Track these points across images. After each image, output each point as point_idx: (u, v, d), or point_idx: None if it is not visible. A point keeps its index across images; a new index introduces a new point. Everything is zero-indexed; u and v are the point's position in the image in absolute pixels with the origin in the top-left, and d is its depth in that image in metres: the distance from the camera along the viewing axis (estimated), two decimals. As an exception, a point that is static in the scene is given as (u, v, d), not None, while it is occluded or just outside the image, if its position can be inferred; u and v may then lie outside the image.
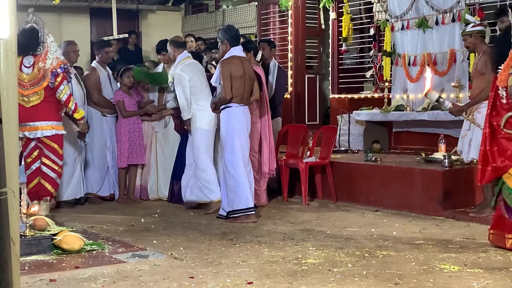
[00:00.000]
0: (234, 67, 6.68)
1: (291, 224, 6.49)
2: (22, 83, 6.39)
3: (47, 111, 6.47)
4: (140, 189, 8.22)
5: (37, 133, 6.46)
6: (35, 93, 6.44)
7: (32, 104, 6.43)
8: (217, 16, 12.67)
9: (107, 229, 6.34)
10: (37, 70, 6.44)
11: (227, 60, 6.74)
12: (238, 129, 6.66)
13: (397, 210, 7.14)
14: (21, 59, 6.43)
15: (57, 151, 6.55)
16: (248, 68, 6.86)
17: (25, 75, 6.43)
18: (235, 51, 6.80)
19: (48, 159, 6.52)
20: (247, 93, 6.80)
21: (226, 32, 6.86)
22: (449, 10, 8.36)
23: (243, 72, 6.72)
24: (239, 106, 6.71)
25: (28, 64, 6.46)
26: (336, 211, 7.30)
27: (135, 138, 7.96)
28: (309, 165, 7.76)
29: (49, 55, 6.46)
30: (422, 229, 6.21)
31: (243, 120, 6.72)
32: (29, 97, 6.43)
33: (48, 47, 6.48)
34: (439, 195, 6.85)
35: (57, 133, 6.52)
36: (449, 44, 8.41)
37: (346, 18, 10.13)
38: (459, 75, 8.23)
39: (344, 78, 10.52)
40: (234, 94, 6.66)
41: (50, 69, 6.42)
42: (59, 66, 6.44)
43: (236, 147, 6.64)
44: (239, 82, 6.67)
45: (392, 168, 7.40)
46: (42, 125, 6.45)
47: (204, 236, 5.93)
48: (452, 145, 7.70)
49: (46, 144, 6.50)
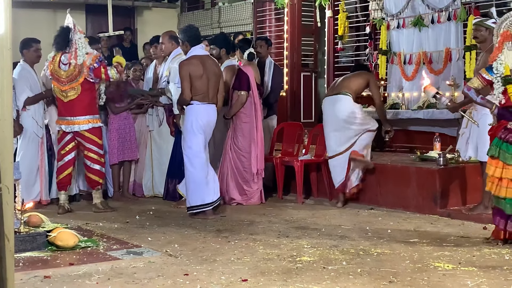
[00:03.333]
0: (193, 67, 6.79)
1: (286, 222, 6.49)
2: (60, 79, 6.92)
3: (84, 106, 6.93)
4: (134, 185, 8.21)
5: (74, 127, 6.93)
6: (72, 89, 6.89)
7: (70, 99, 6.92)
8: (213, 14, 12.65)
9: (102, 226, 6.33)
10: (72, 67, 6.86)
11: (185, 61, 6.87)
12: (196, 126, 6.76)
13: (392, 208, 7.15)
14: (59, 56, 6.91)
15: (97, 142, 7.03)
16: (211, 66, 6.93)
17: (62, 71, 6.90)
18: (195, 51, 6.90)
19: (90, 151, 7.00)
20: (212, 91, 6.88)
21: (185, 33, 6.98)
22: (445, 9, 8.37)
23: (203, 71, 6.80)
24: (200, 104, 6.80)
25: (65, 61, 6.89)
26: (331, 209, 7.30)
27: (126, 134, 7.95)
28: (304, 163, 7.76)
29: (78, 52, 6.86)
30: (416, 227, 6.22)
31: (203, 118, 6.79)
32: (66, 92, 6.91)
33: (76, 44, 6.86)
34: (434, 194, 6.87)
35: (94, 126, 6.96)
36: (445, 43, 8.41)
37: (342, 16, 10.12)
38: (454, 73, 8.23)
39: (339, 76, 10.45)
40: (195, 92, 6.77)
41: (87, 65, 6.83)
42: (95, 61, 6.85)
43: (193, 144, 6.75)
44: (200, 81, 6.78)
45: (387, 166, 7.41)
46: (79, 120, 6.93)
47: (199, 234, 5.93)
48: (447, 144, 7.71)
49: (85, 137, 6.96)
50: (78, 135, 6.98)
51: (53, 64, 6.93)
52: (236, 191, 7.55)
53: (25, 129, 7.32)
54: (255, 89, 7.59)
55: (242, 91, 7.44)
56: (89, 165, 7.04)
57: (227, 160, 7.58)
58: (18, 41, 7.39)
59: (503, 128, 5.31)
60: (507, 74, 5.22)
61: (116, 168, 7.97)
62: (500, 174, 5.26)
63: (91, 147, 6.99)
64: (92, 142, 7.00)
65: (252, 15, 11.81)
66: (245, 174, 7.53)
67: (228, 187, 7.55)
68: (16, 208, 5.05)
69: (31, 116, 7.34)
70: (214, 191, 6.82)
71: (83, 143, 7.00)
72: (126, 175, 8.07)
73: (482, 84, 5.44)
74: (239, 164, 7.53)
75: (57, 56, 6.93)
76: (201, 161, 6.75)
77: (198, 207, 6.74)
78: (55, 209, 7.05)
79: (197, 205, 6.74)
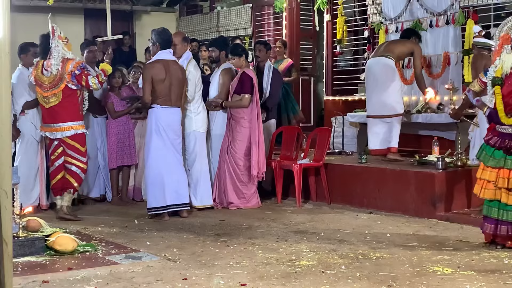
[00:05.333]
0: (156, 71, 6.91)
1: (285, 226, 6.49)
2: (43, 85, 6.84)
3: (66, 112, 6.83)
4: (133, 190, 8.21)
5: (57, 134, 6.83)
6: (53, 95, 6.81)
7: (51, 105, 6.83)
8: (212, 18, 12.67)
9: (101, 230, 6.33)
10: (54, 74, 6.78)
11: (149, 64, 7.03)
12: (156, 129, 6.90)
13: (390, 212, 7.15)
14: (42, 62, 6.87)
15: (78, 149, 6.88)
16: (176, 71, 7.02)
17: (45, 77, 6.84)
18: (162, 55, 7.01)
19: (70, 157, 6.86)
20: (174, 96, 7.00)
21: (159, 35, 7.07)
22: (443, 13, 8.38)
23: (166, 75, 6.91)
24: (161, 107, 6.92)
25: (47, 68, 6.83)
26: (330, 213, 7.30)
27: (125, 138, 7.94)
28: (303, 167, 7.76)
29: (52, 61, 6.78)
30: (415, 231, 6.22)
31: (163, 120, 6.92)
32: (48, 98, 6.83)
33: (52, 52, 6.78)
34: (432, 197, 6.87)
35: (76, 133, 6.83)
36: (443, 47, 8.42)
37: (341, 20, 10.14)
38: (453, 77, 8.24)
39: (338, 80, 10.53)
40: (156, 96, 6.90)
41: (68, 72, 6.73)
42: (77, 68, 6.75)
43: (152, 146, 6.92)
44: (162, 85, 6.90)
45: (386, 170, 7.41)
46: (61, 127, 6.81)
47: (198, 238, 5.92)
48: (446, 148, 7.72)
49: (67, 144, 6.83)
50: (61, 141, 6.84)
51: (37, 70, 6.89)
52: (234, 194, 7.55)
53: (23, 133, 7.31)
54: (257, 93, 7.60)
55: (245, 94, 7.44)
56: (70, 167, 6.85)
57: (224, 164, 7.58)
58: (17, 45, 7.40)
59: (491, 130, 5.40)
60: (497, 76, 5.29)
61: (114, 173, 7.96)
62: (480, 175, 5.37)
63: (72, 154, 6.83)
64: (74, 149, 6.84)
65: (250, 19, 11.83)
66: (242, 177, 7.54)
67: (226, 190, 7.56)
68: (15, 213, 5.04)
69: (30, 121, 7.34)
70: (176, 195, 6.94)
71: (65, 150, 6.84)
72: (125, 180, 8.06)
73: (481, 87, 5.53)
74: (236, 167, 7.53)
75: (40, 62, 6.91)
76: (158, 163, 6.90)
77: (154, 209, 6.90)
78: (54, 214, 7.04)
79: (152, 207, 6.91)
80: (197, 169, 7.45)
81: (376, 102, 7.83)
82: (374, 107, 7.87)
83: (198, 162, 7.47)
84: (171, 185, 6.94)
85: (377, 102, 7.81)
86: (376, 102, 7.83)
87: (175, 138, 7.03)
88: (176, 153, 7.03)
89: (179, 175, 7.04)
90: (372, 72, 7.92)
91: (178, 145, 7.08)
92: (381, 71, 7.80)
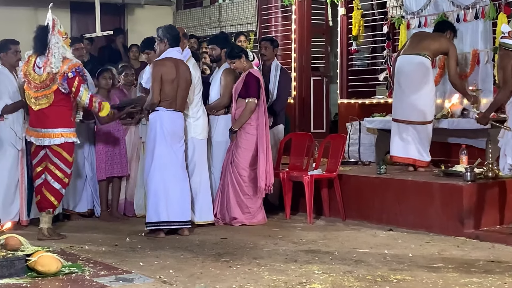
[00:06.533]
0: (166, 69, 6.94)
1: (294, 245, 6.49)
2: (33, 83, 6.74)
3: (57, 117, 6.75)
4: (124, 204, 8.21)
5: (45, 141, 6.74)
6: (44, 96, 6.74)
7: (40, 108, 6.75)
8: (213, 12, 12.69)
9: (88, 249, 6.33)
10: (46, 73, 6.69)
11: (159, 62, 7.03)
12: (160, 134, 6.92)
13: (413, 229, 7.14)
14: (35, 58, 6.77)
15: (65, 159, 6.79)
16: (185, 72, 7.06)
17: (37, 75, 6.75)
18: (171, 53, 7.06)
19: (55, 166, 6.77)
20: (180, 99, 7.03)
21: (167, 31, 7.13)
22: (472, 6, 8.37)
23: (176, 76, 6.95)
24: (166, 110, 6.95)
25: (40, 65, 6.75)
26: (345, 230, 7.29)
27: (115, 147, 7.94)
28: (315, 178, 7.76)
29: (52, 59, 6.69)
30: (441, 250, 6.21)
31: (168, 126, 6.94)
32: (38, 100, 6.75)
33: (51, 49, 6.71)
34: (460, 213, 6.85)
35: (67, 141, 6.76)
36: (472, 44, 8.41)
37: (357, 14, 10.14)
38: (482, 78, 8.22)
39: (354, 81, 10.52)
40: (162, 97, 6.91)
41: (60, 74, 6.64)
42: (71, 70, 6.66)
43: (155, 155, 6.93)
44: (171, 86, 6.94)
45: (407, 182, 7.40)
46: (50, 133, 6.73)
47: (197, 258, 5.92)
48: (475, 157, 7.70)
49: (54, 151, 6.75)
50: (48, 148, 6.77)
51: (28, 65, 6.81)
52: (238, 209, 7.56)
53: (2, 141, 7.32)
54: (264, 95, 7.61)
55: (250, 97, 7.45)
56: (49, 181, 6.75)
57: (227, 175, 7.59)
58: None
59: None
60: None
61: (104, 184, 7.97)
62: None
63: (57, 163, 6.76)
64: (61, 157, 6.75)
65: (256, 13, 11.84)
66: (247, 189, 7.54)
67: (229, 204, 7.57)
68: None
69: (9, 126, 7.34)
70: (180, 210, 6.95)
71: (50, 157, 6.77)
72: (115, 193, 8.07)
73: None
74: (240, 179, 7.54)
75: (32, 57, 6.82)
76: (163, 172, 6.90)
77: (154, 224, 6.90)
78: (35, 231, 7.04)
79: (153, 221, 6.91)
80: (196, 181, 7.45)
81: (407, 106, 7.85)
82: (404, 111, 7.89)
83: (197, 173, 7.48)
84: (174, 199, 6.94)
85: (408, 106, 7.84)
86: (407, 106, 7.85)
87: (179, 145, 7.05)
88: (180, 163, 7.05)
89: (183, 188, 7.06)
90: (405, 72, 7.92)
91: (182, 154, 7.11)
92: (416, 71, 7.82)
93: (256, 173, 7.51)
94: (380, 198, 7.54)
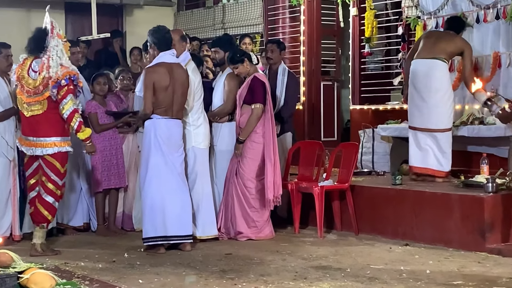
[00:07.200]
0: (158, 76, 6.95)
1: (304, 261, 6.48)
2: (26, 89, 6.74)
3: (50, 125, 6.75)
4: (122, 217, 8.21)
5: (37, 151, 6.75)
6: (37, 102, 6.74)
7: (32, 114, 6.75)
8: (216, 12, 12.73)
9: (84, 266, 6.33)
10: (42, 78, 6.70)
11: (151, 69, 7.04)
12: (155, 143, 6.94)
13: (431, 244, 7.12)
14: (31, 61, 6.79)
15: (58, 170, 6.79)
16: (181, 76, 7.06)
17: (31, 80, 6.77)
18: (164, 57, 7.05)
19: (47, 177, 6.79)
20: (177, 105, 7.05)
21: (153, 35, 7.13)
22: (492, 6, 8.37)
23: (170, 82, 6.95)
24: (161, 118, 6.96)
25: (35, 68, 6.77)
26: (358, 245, 7.28)
27: (112, 156, 7.94)
28: (326, 189, 7.74)
29: (50, 62, 6.70)
30: (461, 267, 6.19)
31: (164, 134, 6.95)
32: (30, 106, 6.75)
33: (50, 52, 6.72)
34: (481, 226, 6.83)
35: (60, 151, 6.76)
36: (493, 46, 8.40)
37: (370, 14, 10.16)
38: (504, 82, 8.22)
39: (367, 85, 10.52)
40: (157, 105, 6.93)
41: (53, 79, 6.65)
42: (64, 77, 6.65)
43: (150, 164, 6.95)
44: (165, 93, 6.95)
45: (424, 193, 7.38)
46: (42, 142, 6.73)
47: (199, 275, 5.92)
48: (497, 166, 7.68)
49: (46, 161, 6.76)
50: (40, 158, 6.78)
51: (22, 68, 6.82)
52: (244, 222, 7.55)
53: None
54: (270, 101, 7.61)
55: (256, 103, 7.44)
56: (42, 194, 6.77)
57: (231, 187, 7.58)
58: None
59: None
60: None
61: (100, 197, 7.97)
62: None
63: (50, 174, 6.76)
64: (53, 168, 6.75)
65: (262, 14, 11.88)
66: (253, 202, 7.53)
67: (234, 218, 7.56)
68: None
69: (0, 135, 7.35)
70: (179, 224, 6.95)
71: (43, 167, 6.78)
72: (113, 206, 8.07)
73: None
74: (245, 190, 7.53)
75: (28, 60, 6.83)
76: (159, 183, 6.92)
77: (152, 240, 6.90)
78: (28, 246, 7.03)
79: (149, 236, 6.91)
80: (198, 192, 7.45)
81: (425, 113, 7.90)
82: (422, 118, 7.94)
83: (199, 184, 7.47)
84: (173, 212, 6.93)
85: (426, 112, 7.89)
86: (425, 113, 7.90)
87: (177, 155, 7.05)
88: (179, 173, 7.05)
89: (183, 200, 7.05)
90: (421, 76, 7.94)
91: (181, 164, 7.10)
92: (433, 76, 7.87)
93: (263, 184, 7.50)
94: (396, 210, 7.52)
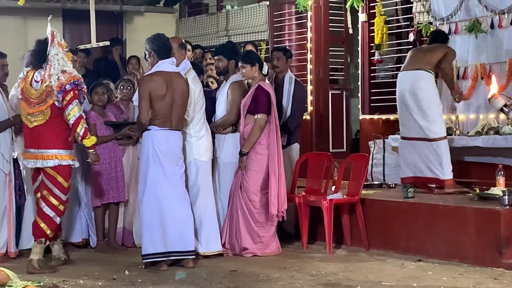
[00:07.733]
0: (154, 85, 6.97)
1: (312, 277, 6.48)
2: (30, 99, 6.83)
3: (52, 137, 6.80)
4: (123, 233, 8.22)
5: (38, 163, 6.80)
6: (40, 112, 6.81)
7: (36, 124, 6.81)
8: (219, 19, 12.77)
9: (83, 283, 6.33)
10: (44, 86, 6.79)
11: (147, 77, 7.10)
12: (153, 156, 6.96)
13: (445, 259, 7.12)
14: (33, 73, 6.89)
15: (60, 184, 6.82)
16: (180, 86, 7.08)
17: (34, 90, 6.86)
18: (162, 66, 7.09)
19: (49, 192, 6.81)
20: (176, 116, 7.06)
21: (152, 42, 7.17)
22: (508, 11, 8.39)
23: (167, 91, 6.97)
24: (159, 129, 6.98)
25: (38, 79, 6.86)
26: (369, 261, 7.29)
27: (111, 169, 7.95)
28: (334, 203, 7.75)
29: (52, 70, 6.79)
30: (476, 283, 6.19)
31: (162, 146, 6.97)
32: (33, 116, 6.82)
33: (51, 61, 6.82)
34: (497, 241, 6.83)
35: (61, 164, 6.79)
36: (508, 53, 8.42)
37: (379, 20, 10.18)
38: (520, 90, 8.25)
39: (377, 94, 10.54)
40: (154, 116, 6.95)
41: (58, 85, 6.73)
42: (69, 82, 6.73)
43: (148, 177, 6.98)
44: (162, 102, 6.96)
45: (438, 207, 7.39)
46: (43, 154, 6.78)
47: (204, 293, 5.93)
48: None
49: (47, 174, 6.80)
50: (42, 171, 6.84)
51: (26, 81, 6.91)
52: (249, 238, 7.55)
53: None
54: (275, 111, 7.63)
55: (260, 113, 7.47)
56: (42, 207, 6.79)
57: (235, 201, 7.60)
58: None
59: None
60: None
61: (99, 212, 7.99)
62: None
63: (51, 188, 6.79)
64: (55, 182, 6.78)
65: (267, 21, 11.91)
66: (258, 216, 7.54)
67: (239, 233, 7.56)
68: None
69: None
70: (181, 239, 6.95)
71: (44, 181, 6.83)
72: (113, 221, 8.08)
73: None
74: (250, 205, 7.54)
75: (31, 73, 6.92)
76: (158, 197, 6.94)
77: (151, 256, 6.91)
78: (25, 263, 7.06)
79: (149, 253, 6.92)
80: (200, 207, 7.46)
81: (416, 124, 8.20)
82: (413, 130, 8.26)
83: (201, 198, 7.48)
84: (173, 227, 6.95)
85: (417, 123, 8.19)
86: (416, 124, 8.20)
87: (178, 167, 7.07)
88: (179, 186, 7.07)
89: (184, 214, 7.06)
90: (408, 89, 8.25)
91: (181, 177, 7.13)
92: (418, 87, 8.15)
93: (268, 198, 7.51)
94: (408, 225, 7.52)
